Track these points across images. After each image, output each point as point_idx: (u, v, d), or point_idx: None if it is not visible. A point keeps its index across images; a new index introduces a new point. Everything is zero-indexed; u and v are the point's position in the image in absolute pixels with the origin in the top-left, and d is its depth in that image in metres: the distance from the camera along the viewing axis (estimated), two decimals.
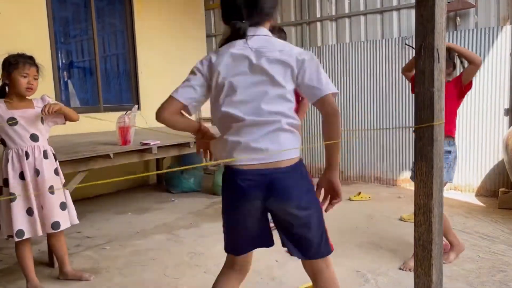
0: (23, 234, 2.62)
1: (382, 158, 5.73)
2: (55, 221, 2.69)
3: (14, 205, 2.60)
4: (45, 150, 2.71)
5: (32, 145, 2.65)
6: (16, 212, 2.60)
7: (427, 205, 1.66)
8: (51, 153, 2.77)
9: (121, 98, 6.14)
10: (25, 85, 2.60)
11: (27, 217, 2.64)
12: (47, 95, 2.80)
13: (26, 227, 2.63)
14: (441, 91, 1.62)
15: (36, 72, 2.66)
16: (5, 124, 2.59)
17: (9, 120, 2.59)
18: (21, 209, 2.62)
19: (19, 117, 2.61)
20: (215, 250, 3.46)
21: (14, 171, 2.61)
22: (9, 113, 2.60)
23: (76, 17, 5.63)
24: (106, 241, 3.83)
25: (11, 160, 2.61)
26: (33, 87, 2.64)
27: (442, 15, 1.59)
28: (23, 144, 2.63)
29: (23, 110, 2.64)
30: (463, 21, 5.02)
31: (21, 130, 2.62)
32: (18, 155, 2.62)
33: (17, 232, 2.60)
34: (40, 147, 2.69)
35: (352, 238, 3.68)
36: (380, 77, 5.62)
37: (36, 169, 2.65)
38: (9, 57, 2.63)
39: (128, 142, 3.76)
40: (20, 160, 2.62)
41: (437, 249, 1.69)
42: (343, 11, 5.92)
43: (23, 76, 2.59)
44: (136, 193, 5.77)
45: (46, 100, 2.74)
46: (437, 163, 1.64)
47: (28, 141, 2.64)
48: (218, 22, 7.25)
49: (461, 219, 4.10)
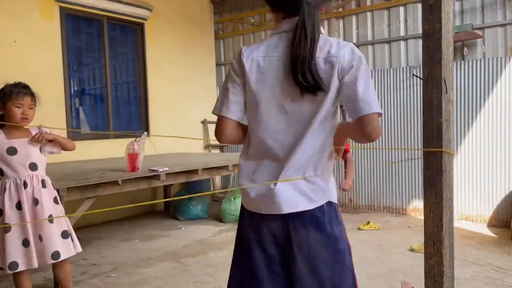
0: (17, 267, 2.54)
1: (391, 187, 5.68)
2: (55, 251, 2.62)
3: (8, 236, 2.53)
4: (43, 179, 2.68)
5: (31, 174, 2.61)
6: (10, 244, 2.52)
7: (437, 236, 1.63)
8: (49, 182, 2.74)
9: (131, 125, 6.22)
10: (19, 116, 2.56)
11: (23, 249, 2.56)
12: (43, 126, 2.73)
13: (21, 259, 2.55)
14: (449, 122, 1.62)
15: (30, 102, 2.61)
16: (4, 154, 2.56)
17: (8, 150, 2.57)
18: (17, 240, 2.55)
19: (18, 146, 2.59)
20: (221, 279, 3.40)
21: (11, 201, 2.57)
22: (8, 143, 2.58)
23: (90, 46, 5.78)
24: (112, 268, 3.80)
25: (8, 190, 2.57)
26: (28, 117, 2.60)
27: (448, 47, 1.61)
28: (22, 173, 2.59)
29: (22, 140, 2.61)
30: (470, 51, 5.06)
31: (20, 159, 2.59)
32: (16, 184, 2.58)
33: (10, 265, 2.52)
34: (39, 176, 2.65)
35: (361, 268, 3.61)
36: (388, 106, 5.63)
37: (34, 198, 2.60)
38: (5, 87, 2.59)
39: (137, 168, 3.78)
40: (18, 189, 2.57)
41: (448, 282, 1.65)
42: (350, 41, 6.01)
43: (17, 107, 2.55)
44: (143, 219, 5.75)
45: (42, 130, 2.69)
46: (447, 194, 1.62)
47: (26, 170, 2.60)
48: (227, 51, 7.38)
49: (474, 251, 4.01)
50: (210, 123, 7.22)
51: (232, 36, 7.25)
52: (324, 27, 6.21)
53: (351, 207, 6.05)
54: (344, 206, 6.09)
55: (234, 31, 7.21)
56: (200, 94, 7.08)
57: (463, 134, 5.08)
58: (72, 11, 5.32)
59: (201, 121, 7.13)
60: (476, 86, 4.97)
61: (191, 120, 6.94)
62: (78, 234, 4.86)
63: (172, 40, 6.58)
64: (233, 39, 7.26)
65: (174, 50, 6.60)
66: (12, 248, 2.52)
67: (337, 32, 6.11)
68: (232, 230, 5.03)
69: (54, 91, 5.09)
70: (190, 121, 6.92)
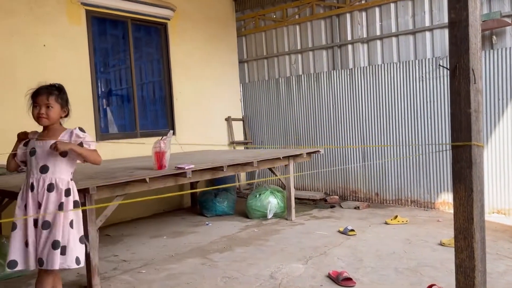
0: (16, 265, 2.51)
1: (418, 180, 5.58)
2: (39, 258, 2.50)
3: (13, 235, 2.52)
4: (51, 183, 2.54)
5: (39, 176, 2.55)
6: (13, 242, 2.51)
7: (468, 230, 1.61)
8: (60, 186, 2.56)
9: (157, 124, 6.32)
10: (35, 115, 2.55)
11: (24, 249, 2.52)
12: (80, 129, 2.65)
13: (20, 258, 2.52)
14: (478, 112, 1.58)
15: (46, 100, 2.54)
16: (28, 154, 2.60)
17: (31, 151, 2.59)
18: (20, 239, 2.52)
19: (38, 147, 2.59)
20: (249, 275, 3.43)
21: (22, 200, 2.59)
22: (33, 144, 2.60)
23: (115, 48, 5.90)
24: (142, 264, 3.89)
25: (22, 189, 2.60)
26: (43, 116, 2.54)
27: (476, 35, 1.57)
28: (32, 175, 2.56)
29: (44, 142, 2.56)
30: (499, 39, 4.90)
31: (35, 161, 2.56)
32: (26, 185, 2.60)
33: (9, 263, 2.51)
34: (46, 180, 2.54)
35: (389, 263, 3.57)
36: (414, 98, 5.53)
37: (38, 202, 2.54)
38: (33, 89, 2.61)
39: (164, 166, 3.84)
40: (26, 191, 2.58)
41: (480, 277, 1.62)
42: (374, 33, 5.92)
43: (34, 106, 2.56)
44: (171, 216, 5.85)
45: (74, 133, 2.62)
46: (477, 186, 1.59)
47: (37, 172, 2.55)
48: (250, 48, 7.40)
49: (506, 244, 3.90)
50: (234, 120, 7.26)
51: (255, 33, 7.25)
52: (346, 20, 6.14)
53: (377, 201, 5.98)
54: (371, 201, 6.02)
55: (256, 27, 7.21)
56: (223, 91, 7.13)
57: (494, 125, 4.94)
58: (97, 14, 5.44)
59: (225, 118, 7.18)
60: (507, 75, 4.82)
61: (216, 118, 7.00)
62: (109, 232, 5.03)
63: (195, 39, 6.64)
64: (255, 35, 7.27)
65: (197, 49, 6.67)
66: (15, 246, 2.53)
67: (359, 25, 6.03)
68: (258, 226, 5.06)
69: (83, 92, 5.23)
70: (215, 119, 6.98)
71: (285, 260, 3.79)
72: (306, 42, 6.64)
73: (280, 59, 7.00)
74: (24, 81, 4.45)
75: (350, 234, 4.44)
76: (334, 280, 3.22)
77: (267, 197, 5.40)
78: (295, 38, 6.74)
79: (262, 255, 3.98)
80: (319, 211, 5.73)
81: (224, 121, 7.18)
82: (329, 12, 6.32)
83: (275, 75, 7.09)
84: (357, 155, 6.17)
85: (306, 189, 6.80)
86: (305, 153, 5.35)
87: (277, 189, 5.59)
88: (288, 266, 3.63)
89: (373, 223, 4.89)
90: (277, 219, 5.36)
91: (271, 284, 3.25)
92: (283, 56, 6.94)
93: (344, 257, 3.78)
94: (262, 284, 3.27)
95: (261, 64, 7.27)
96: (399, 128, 5.70)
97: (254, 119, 7.38)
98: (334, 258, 3.79)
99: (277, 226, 5.01)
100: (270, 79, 7.13)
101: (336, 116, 6.33)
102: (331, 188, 6.49)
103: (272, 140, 7.14)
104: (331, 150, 6.40)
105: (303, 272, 3.48)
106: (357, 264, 3.61)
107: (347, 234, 4.45)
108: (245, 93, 7.46)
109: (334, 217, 5.36)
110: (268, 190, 5.47)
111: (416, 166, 5.59)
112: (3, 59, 4.58)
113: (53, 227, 2.48)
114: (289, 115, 6.88)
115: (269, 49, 7.13)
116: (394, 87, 5.71)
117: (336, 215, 5.47)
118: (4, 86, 4.56)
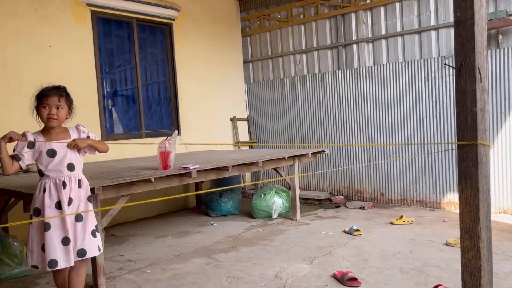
0: (57, 264, 2.57)
1: (424, 180, 5.55)
2: (79, 249, 2.65)
3: (47, 235, 2.57)
4: (79, 179, 2.73)
5: (69, 174, 2.67)
6: (50, 242, 2.56)
7: (474, 230, 1.60)
8: (85, 182, 2.78)
9: (162, 124, 6.34)
10: (45, 116, 2.60)
11: (63, 247, 2.59)
12: (81, 125, 2.80)
13: (60, 257, 2.58)
14: (484, 111, 1.57)
15: (58, 101, 2.61)
16: (44, 156, 2.63)
17: (48, 152, 2.63)
18: (56, 239, 2.58)
19: (58, 148, 2.64)
20: (254, 275, 3.43)
21: (51, 200, 2.63)
22: (48, 146, 2.64)
23: (120, 48, 5.92)
24: (148, 264, 3.90)
25: (48, 190, 2.63)
26: (54, 117, 2.61)
27: (482, 34, 1.56)
28: (61, 174, 2.65)
29: (61, 142, 2.65)
30: (505, 38, 4.87)
31: (59, 161, 2.65)
32: (55, 184, 2.64)
33: (50, 262, 2.56)
34: (76, 176, 2.70)
35: (395, 263, 3.56)
36: (420, 97, 5.50)
37: (69, 197, 2.65)
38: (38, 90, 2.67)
39: (169, 166, 3.85)
40: (57, 189, 2.63)
41: (487, 277, 1.61)
42: (379, 33, 5.90)
43: (44, 107, 2.60)
44: (176, 216, 5.86)
45: (80, 130, 2.76)
46: (483, 186, 1.58)
47: (65, 171, 2.65)
48: (254, 48, 7.40)
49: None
50: (239, 120, 7.26)
51: (259, 33, 7.25)
52: (351, 19, 6.13)
53: (383, 201, 5.96)
54: (376, 201, 6.00)
55: (261, 27, 7.21)
56: (228, 91, 7.14)
57: (500, 124, 4.90)
58: (103, 15, 5.46)
59: (230, 118, 7.18)
60: None
61: (220, 118, 7.01)
62: (114, 231, 5.05)
63: (200, 39, 6.65)
64: (260, 35, 7.27)
65: (202, 49, 6.68)
66: (52, 246, 2.58)
67: (364, 24, 6.01)
68: (263, 226, 5.06)
69: (88, 93, 5.25)
70: (220, 119, 6.99)
71: (290, 260, 3.79)
72: (311, 42, 6.63)
73: (285, 59, 6.99)
74: (30, 82, 4.49)
75: (356, 234, 4.43)
76: (339, 280, 3.22)
77: (272, 197, 5.40)
78: (300, 38, 6.74)
79: (267, 255, 3.98)
80: (324, 211, 5.72)
81: (229, 121, 7.18)
82: (334, 12, 6.31)
83: (280, 75, 7.08)
84: (362, 155, 6.15)
85: (311, 189, 6.79)
86: (310, 153, 5.34)
87: (282, 189, 5.58)
88: (293, 266, 3.63)
89: (379, 223, 4.88)
90: (282, 219, 5.36)
91: (276, 284, 3.25)
92: (288, 56, 6.94)
93: (349, 257, 3.77)
94: (267, 284, 3.27)
95: (266, 64, 7.27)
96: (404, 128, 5.67)
97: (259, 119, 7.38)
98: (339, 258, 3.78)
99: (282, 226, 5.00)
100: (275, 79, 7.12)
101: (341, 116, 6.31)
102: (336, 188, 6.48)
103: (277, 140, 7.13)
104: (336, 150, 6.39)
105: (308, 272, 3.48)
106: (362, 264, 3.60)
107: (352, 234, 4.44)
108: (250, 93, 7.46)
109: (339, 217, 5.35)
110: (273, 190, 5.47)
111: (421, 165, 5.56)
112: (10, 60, 4.61)
113: (86, 219, 2.70)
114: (294, 115, 6.87)
115: (274, 49, 7.13)
116: (400, 86, 5.69)
117: (341, 215, 5.46)
118: (10, 87, 4.59)
